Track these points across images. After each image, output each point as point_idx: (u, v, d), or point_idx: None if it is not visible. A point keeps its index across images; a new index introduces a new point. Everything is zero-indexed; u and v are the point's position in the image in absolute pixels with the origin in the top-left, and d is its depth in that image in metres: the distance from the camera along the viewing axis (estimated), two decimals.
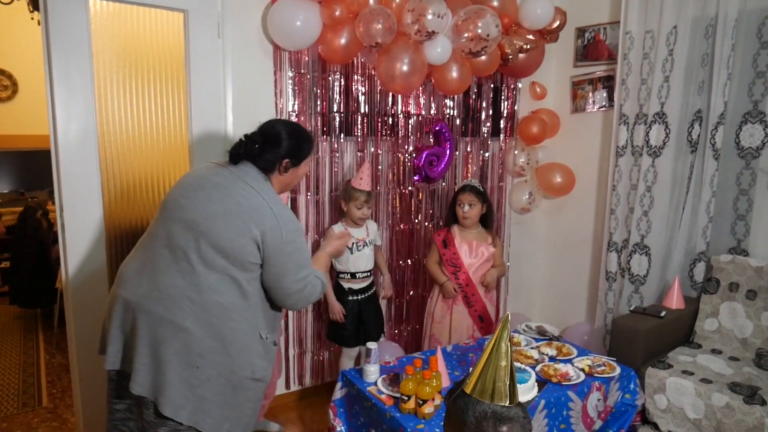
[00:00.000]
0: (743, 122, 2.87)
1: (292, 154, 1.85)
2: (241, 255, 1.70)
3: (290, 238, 1.76)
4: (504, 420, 1.02)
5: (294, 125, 1.94)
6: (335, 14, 2.62)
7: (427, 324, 3.09)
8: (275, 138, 1.82)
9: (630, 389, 2.49)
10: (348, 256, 2.85)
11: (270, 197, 1.77)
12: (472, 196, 2.93)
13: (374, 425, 2.16)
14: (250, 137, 1.84)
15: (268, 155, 1.81)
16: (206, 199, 1.72)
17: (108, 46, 2.42)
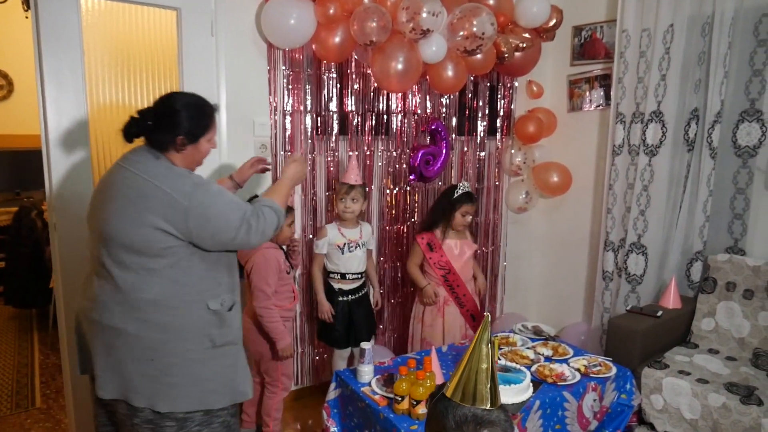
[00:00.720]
0: (740, 121, 2.85)
1: (187, 131, 1.72)
2: (149, 246, 1.64)
3: (194, 200, 1.65)
4: (485, 423, 1.00)
5: (192, 99, 1.79)
6: (329, 12, 2.60)
7: (416, 329, 3.03)
8: (168, 113, 1.71)
9: (626, 389, 2.47)
10: (339, 256, 2.83)
11: (156, 174, 1.66)
12: (473, 206, 2.96)
13: (368, 426, 2.14)
14: (143, 113, 1.72)
15: (159, 134, 1.70)
16: (103, 202, 1.70)
17: (100, 44, 2.41)
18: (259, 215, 1.77)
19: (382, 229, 3.30)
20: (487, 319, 1.09)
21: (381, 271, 3.33)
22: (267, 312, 2.45)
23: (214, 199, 1.69)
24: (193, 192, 1.66)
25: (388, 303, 3.41)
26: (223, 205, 1.71)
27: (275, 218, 1.83)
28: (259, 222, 1.76)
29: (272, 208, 1.83)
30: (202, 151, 1.80)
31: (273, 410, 2.62)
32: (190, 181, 1.68)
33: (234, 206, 1.73)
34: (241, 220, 1.72)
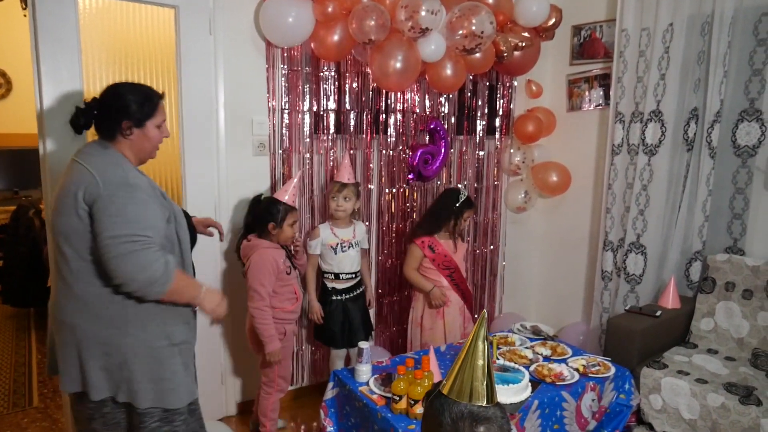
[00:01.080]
0: (739, 120, 2.85)
1: (131, 115, 1.72)
2: (79, 235, 1.63)
3: (109, 190, 1.61)
4: (481, 420, 1.00)
5: (133, 85, 1.80)
6: (328, 11, 2.59)
7: (415, 334, 3.01)
8: (111, 100, 1.73)
9: (625, 389, 2.47)
10: (333, 256, 2.82)
11: (96, 163, 1.66)
12: (474, 210, 3.01)
13: (365, 425, 2.13)
14: (89, 103, 1.75)
15: (105, 120, 1.72)
16: (54, 199, 1.71)
17: (97, 43, 2.40)
18: (151, 258, 1.64)
19: (381, 229, 3.29)
20: (484, 316, 1.09)
21: (380, 270, 3.32)
22: (259, 313, 2.44)
23: (126, 203, 1.63)
24: (115, 185, 1.63)
25: (386, 302, 3.41)
26: (125, 215, 1.62)
27: (160, 276, 1.65)
28: (144, 259, 1.62)
29: (167, 272, 1.66)
30: (151, 138, 1.77)
31: (269, 410, 2.61)
32: (120, 175, 1.66)
33: (132, 223, 1.63)
34: (129, 241, 1.61)
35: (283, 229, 2.50)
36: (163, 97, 1.82)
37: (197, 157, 2.70)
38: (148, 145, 1.78)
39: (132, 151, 1.75)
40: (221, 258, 2.84)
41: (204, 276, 2.75)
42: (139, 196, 1.66)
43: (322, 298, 2.87)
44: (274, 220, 2.49)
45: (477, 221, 3.70)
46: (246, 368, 2.98)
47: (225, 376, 2.95)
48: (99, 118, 1.73)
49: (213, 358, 2.89)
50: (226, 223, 2.81)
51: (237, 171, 2.80)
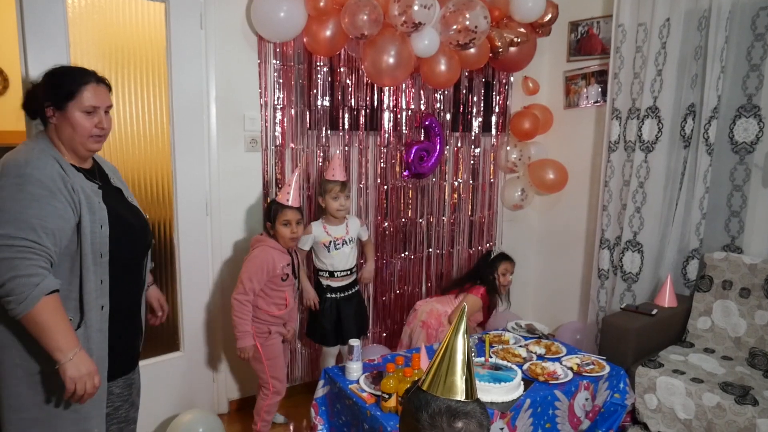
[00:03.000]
0: (737, 116, 2.81)
1: (49, 96, 1.57)
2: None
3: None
4: (459, 415, 0.97)
5: (62, 66, 1.67)
6: (320, 5, 2.57)
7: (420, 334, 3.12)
8: (39, 81, 1.62)
9: (620, 389, 2.44)
10: (326, 253, 2.79)
11: (16, 149, 1.54)
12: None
13: (355, 423, 2.11)
14: (29, 90, 1.66)
15: (34, 103, 1.61)
16: None
17: (86, 37, 2.36)
18: (11, 259, 1.41)
19: (376, 226, 3.26)
20: (463, 310, 1.06)
21: (376, 267, 3.28)
22: (238, 305, 2.43)
23: (9, 196, 1.43)
24: (5, 173, 1.47)
25: (382, 300, 3.38)
26: (8, 210, 1.42)
27: (10, 286, 1.40)
28: (3, 263, 1.40)
29: (25, 284, 1.41)
30: (75, 124, 1.58)
31: (263, 411, 2.59)
32: (18, 163, 1.48)
33: (12, 223, 1.41)
34: (4, 237, 1.41)
35: (276, 228, 2.48)
36: (98, 81, 1.63)
37: (188, 153, 2.67)
38: (72, 132, 1.58)
39: (61, 139, 1.60)
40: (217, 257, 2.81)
41: (192, 270, 2.76)
42: (33, 189, 1.45)
43: (319, 294, 2.84)
44: (269, 219, 2.50)
45: (473, 219, 3.67)
46: (239, 366, 2.95)
47: (217, 374, 2.93)
48: (31, 100, 1.63)
49: (205, 357, 2.87)
50: (217, 220, 2.79)
51: (228, 167, 2.77)
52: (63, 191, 1.50)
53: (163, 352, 2.77)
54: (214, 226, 2.78)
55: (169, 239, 2.72)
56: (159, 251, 2.70)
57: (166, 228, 2.71)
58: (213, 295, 2.85)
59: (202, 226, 2.76)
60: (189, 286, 2.77)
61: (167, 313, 2.08)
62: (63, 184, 1.51)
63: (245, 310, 2.43)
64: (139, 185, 2.59)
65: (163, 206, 2.68)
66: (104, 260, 1.61)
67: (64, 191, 1.50)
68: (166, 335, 2.78)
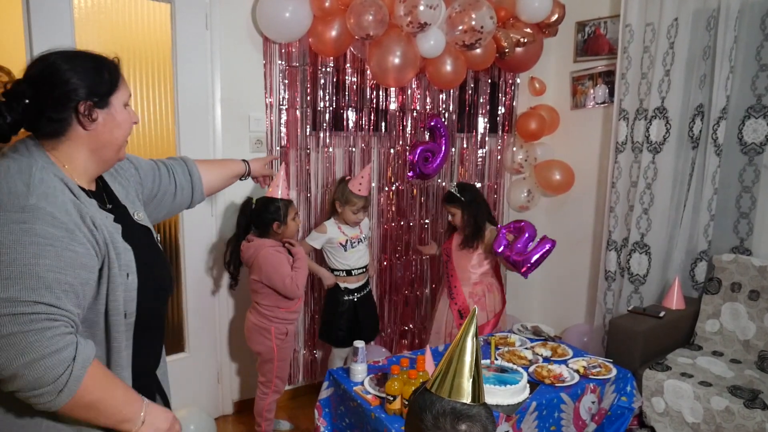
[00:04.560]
0: (746, 117, 2.78)
1: (89, 90, 1.11)
2: None
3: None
4: (463, 418, 0.96)
5: (70, 50, 1.18)
6: (325, 5, 2.56)
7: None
8: (49, 76, 1.10)
9: (626, 392, 2.41)
10: (343, 253, 2.79)
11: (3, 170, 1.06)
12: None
13: (359, 426, 2.09)
14: (12, 92, 1.09)
15: (47, 110, 1.09)
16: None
17: (92, 38, 2.37)
18: (35, 332, 0.98)
19: (382, 227, 3.25)
20: (474, 313, 1.05)
21: (381, 269, 3.28)
22: (291, 282, 2.41)
23: (17, 243, 0.99)
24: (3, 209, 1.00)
25: (388, 301, 3.36)
26: (18, 263, 0.98)
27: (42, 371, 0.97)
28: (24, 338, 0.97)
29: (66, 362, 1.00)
30: (121, 122, 1.19)
31: (264, 411, 2.59)
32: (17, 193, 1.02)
33: (27, 281, 0.98)
34: (12, 306, 0.97)
35: (288, 225, 2.48)
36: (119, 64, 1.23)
37: (193, 153, 2.62)
38: (119, 134, 1.19)
39: (92, 149, 1.15)
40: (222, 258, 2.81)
41: (197, 272, 2.76)
42: (43, 229, 1.01)
43: (334, 297, 2.83)
44: (277, 218, 2.46)
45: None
46: (243, 367, 2.95)
47: (222, 375, 2.93)
48: (36, 107, 1.09)
49: (210, 358, 2.87)
50: (221, 224, 2.79)
51: None
52: (82, 228, 1.07)
53: (168, 353, 2.76)
54: (219, 227, 2.78)
55: (175, 240, 2.72)
56: (164, 253, 2.70)
57: (172, 229, 2.71)
58: (218, 296, 2.84)
59: (208, 228, 2.76)
60: (194, 288, 2.77)
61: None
62: (80, 217, 1.08)
63: (303, 273, 2.47)
64: None
65: None
66: (130, 322, 1.20)
67: (83, 228, 1.07)
68: (171, 336, 2.79)
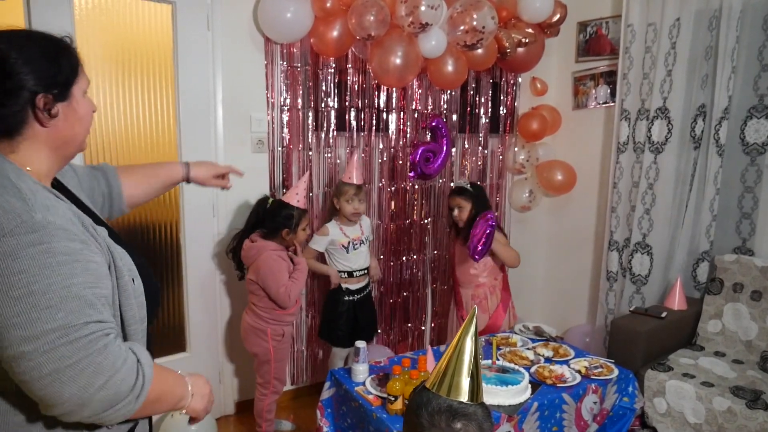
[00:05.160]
0: (748, 117, 2.78)
1: (48, 80, 0.95)
2: None
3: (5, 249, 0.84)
4: (459, 416, 0.96)
5: (22, 32, 0.97)
6: (327, 6, 2.56)
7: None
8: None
9: (628, 392, 2.41)
10: (345, 255, 2.79)
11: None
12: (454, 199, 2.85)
13: (361, 426, 2.09)
14: None
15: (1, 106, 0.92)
16: None
17: (92, 39, 2.38)
18: (94, 355, 0.88)
19: (383, 228, 3.25)
20: (474, 312, 1.05)
21: (382, 269, 3.27)
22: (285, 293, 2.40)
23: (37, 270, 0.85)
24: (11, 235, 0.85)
25: (389, 302, 3.36)
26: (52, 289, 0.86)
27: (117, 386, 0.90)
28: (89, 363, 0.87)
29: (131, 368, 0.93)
30: (83, 115, 1.03)
31: (264, 411, 2.59)
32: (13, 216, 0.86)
33: (68, 304, 0.87)
34: (62, 335, 0.86)
35: (297, 234, 2.48)
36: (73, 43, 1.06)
37: (195, 154, 2.67)
38: (80, 128, 1.03)
39: (53, 147, 0.99)
40: (224, 258, 2.81)
41: (198, 271, 2.76)
42: (62, 246, 0.89)
43: (334, 297, 2.83)
44: (288, 226, 2.46)
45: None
46: (244, 367, 2.95)
47: (223, 375, 2.93)
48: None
49: (211, 358, 2.87)
50: (224, 223, 2.79)
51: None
52: (88, 235, 0.97)
53: (169, 353, 2.78)
54: (221, 227, 2.78)
55: (176, 240, 2.72)
56: (165, 252, 2.71)
57: (173, 229, 2.71)
58: (219, 296, 2.85)
59: (209, 228, 2.76)
60: (195, 288, 2.77)
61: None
62: (82, 225, 0.97)
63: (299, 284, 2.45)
64: None
65: (170, 207, 2.69)
66: (144, 328, 1.10)
67: (88, 235, 0.97)
68: (172, 336, 2.79)
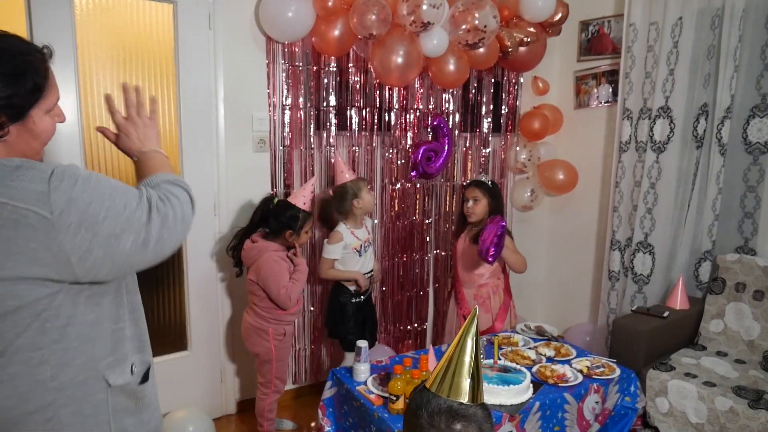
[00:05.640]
0: (751, 116, 2.77)
1: (5, 101, 0.98)
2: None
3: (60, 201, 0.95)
4: (458, 417, 0.95)
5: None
6: (328, 5, 2.56)
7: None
8: None
9: (630, 392, 2.40)
10: (358, 258, 2.77)
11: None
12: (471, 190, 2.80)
13: (363, 425, 2.09)
14: None
15: None
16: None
17: (93, 39, 2.37)
18: (168, 197, 1.10)
19: (385, 227, 3.25)
20: (475, 313, 1.04)
21: (384, 268, 3.27)
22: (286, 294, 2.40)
23: (94, 189, 0.99)
24: (54, 188, 0.95)
25: (391, 301, 3.36)
26: (112, 193, 1.01)
27: (187, 196, 1.16)
28: (174, 206, 1.09)
29: (177, 184, 1.17)
30: (40, 133, 1.08)
31: (266, 411, 2.59)
32: (59, 170, 0.98)
33: (125, 191, 1.05)
34: (147, 206, 1.05)
35: (299, 236, 2.48)
36: (49, 56, 1.07)
37: (196, 153, 2.68)
38: (36, 144, 1.09)
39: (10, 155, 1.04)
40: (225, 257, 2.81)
41: (199, 271, 2.76)
42: (82, 172, 1.03)
43: (342, 299, 2.79)
44: (292, 227, 2.45)
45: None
46: (246, 366, 2.95)
47: (224, 374, 2.93)
48: None
49: (212, 357, 2.87)
50: (225, 222, 2.79)
51: (237, 168, 2.77)
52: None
53: (170, 351, 2.78)
54: (222, 226, 2.78)
55: None
56: None
57: None
58: (220, 295, 2.85)
59: (210, 227, 2.76)
60: (196, 287, 2.77)
61: None
62: None
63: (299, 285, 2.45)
64: None
65: None
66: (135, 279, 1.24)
67: None
68: (173, 334, 2.79)
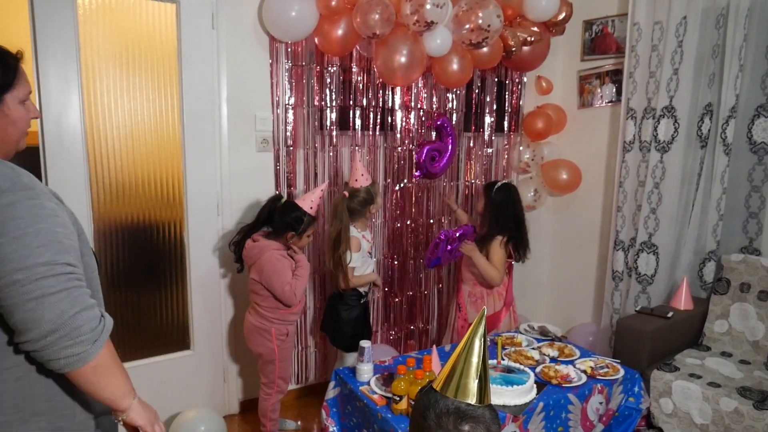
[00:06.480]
0: (756, 116, 2.76)
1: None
2: None
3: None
4: (466, 419, 0.94)
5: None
6: (331, 4, 2.55)
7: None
8: None
9: (634, 392, 2.39)
10: (370, 260, 2.77)
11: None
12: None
13: (366, 425, 2.09)
14: None
15: None
16: None
17: (96, 38, 2.37)
18: (75, 288, 1.06)
19: (388, 227, 3.24)
20: (483, 313, 1.04)
21: (387, 269, 3.27)
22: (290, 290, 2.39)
23: (31, 217, 1.03)
24: (7, 188, 1.04)
25: (394, 300, 3.36)
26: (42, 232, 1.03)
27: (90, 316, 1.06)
28: (71, 293, 1.04)
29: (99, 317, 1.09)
30: (16, 120, 1.17)
31: (269, 411, 2.59)
32: (6, 178, 1.05)
33: (53, 246, 1.04)
34: (50, 268, 1.03)
35: (300, 239, 2.48)
36: (20, 59, 1.19)
37: (199, 153, 2.67)
38: (12, 131, 1.18)
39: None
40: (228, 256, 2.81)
41: (202, 270, 2.76)
42: (48, 203, 1.08)
43: (351, 303, 2.76)
44: (295, 228, 2.44)
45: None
46: (249, 366, 2.95)
47: (227, 374, 2.93)
48: None
49: (215, 356, 2.87)
50: (228, 222, 2.78)
51: (240, 167, 2.77)
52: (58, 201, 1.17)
53: (173, 350, 2.78)
54: (226, 226, 2.78)
55: (180, 239, 2.72)
56: (170, 251, 2.71)
57: (177, 228, 2.71)
58: (224, 295, 2.85)
59: (214, 226, 2.76)
60: (200, 286, 2.77)
61: None
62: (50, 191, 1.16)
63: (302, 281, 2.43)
64: (150, 185, 2.60)
65: (174, 206, 2.68)
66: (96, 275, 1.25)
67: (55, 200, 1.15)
68: (176, 334, 2.79)
